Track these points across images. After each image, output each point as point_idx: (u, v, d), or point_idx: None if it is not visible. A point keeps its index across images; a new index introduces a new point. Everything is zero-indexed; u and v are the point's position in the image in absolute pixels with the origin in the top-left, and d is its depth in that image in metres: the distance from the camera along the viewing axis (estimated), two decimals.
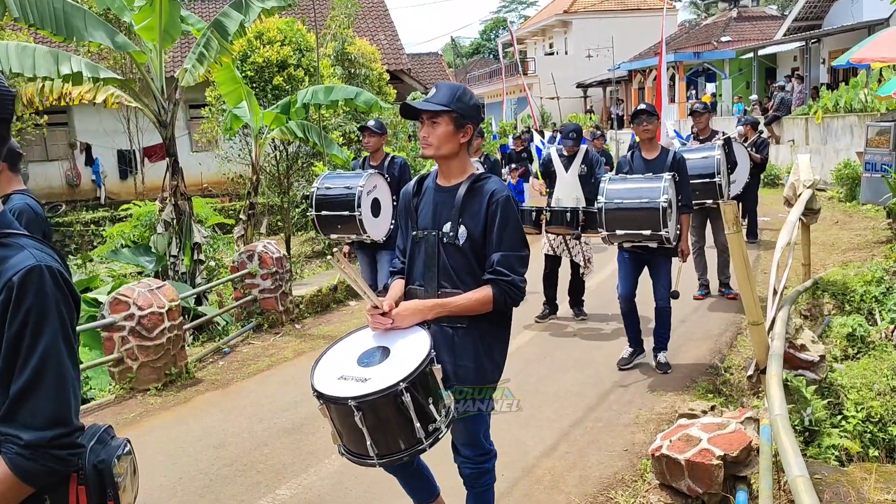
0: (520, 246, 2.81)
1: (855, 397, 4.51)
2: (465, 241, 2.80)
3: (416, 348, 2.62)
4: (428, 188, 2.98)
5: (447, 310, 2.77)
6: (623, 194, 5.46)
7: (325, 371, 2.65)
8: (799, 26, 24.39)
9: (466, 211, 2.81)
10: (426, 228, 2.89)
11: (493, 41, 62.66)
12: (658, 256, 5.60)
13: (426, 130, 2.79)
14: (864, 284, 6.40)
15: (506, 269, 2.74)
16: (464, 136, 2.82)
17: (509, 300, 2.78)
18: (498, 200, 2.77)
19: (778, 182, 17.03)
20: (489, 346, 2.89)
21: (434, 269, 2.85)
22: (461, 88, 2.83)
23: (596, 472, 4.19)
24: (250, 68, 12.97)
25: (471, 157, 8.42)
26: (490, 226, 2.78)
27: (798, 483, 2.30)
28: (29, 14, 6.78)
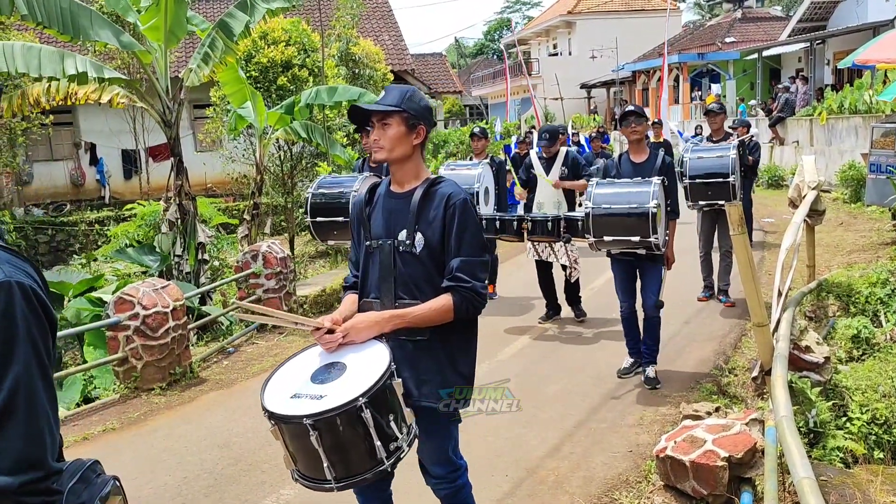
0: (480, 251, 2.68)
1: (860, 399, 4.49)
2: (422, 249, 2.67)
3: (375, 362, 2.47)
4: (380, 196, 2.84)
5: (405, 321, 2.61)
6: (611, 199, 5.28)
7: (277, 390, 2.48)
8: (804, 27, 24.34)
9: (423, 217, 2.68)
10: (380, 238, 2.74)
11: (496, 42, 62.66)
12: (647, 262, 5.47)
13: (377, 133, 2.68)
14: (869, 286, 6.38)
15: (466, 275, 2.61)
16: (416, 137, 2.70)
17: (471, 308, 2.65)
18: (455, 204, 2.65)
19: (782, 183, 17.01)
20: (453, 358, 2.76)
21: (390, 280, 2.71)
22: (411, 90, 2.74)
23: (600, 472, 4.18)
24: (255, 68, 12.98)
25: (475, 159, 8.19)
26: (448, 231, 2.64)
27: (804, 485, 2.30)
28: (36, 12, 6.80)
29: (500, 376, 5.85)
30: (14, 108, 8.23)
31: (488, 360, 6.24)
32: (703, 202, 7.31)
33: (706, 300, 7.88)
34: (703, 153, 7.43)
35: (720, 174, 7.09)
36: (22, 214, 19.16)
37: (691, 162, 7.29)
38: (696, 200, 7.31)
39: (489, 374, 5.95)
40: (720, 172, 7.09)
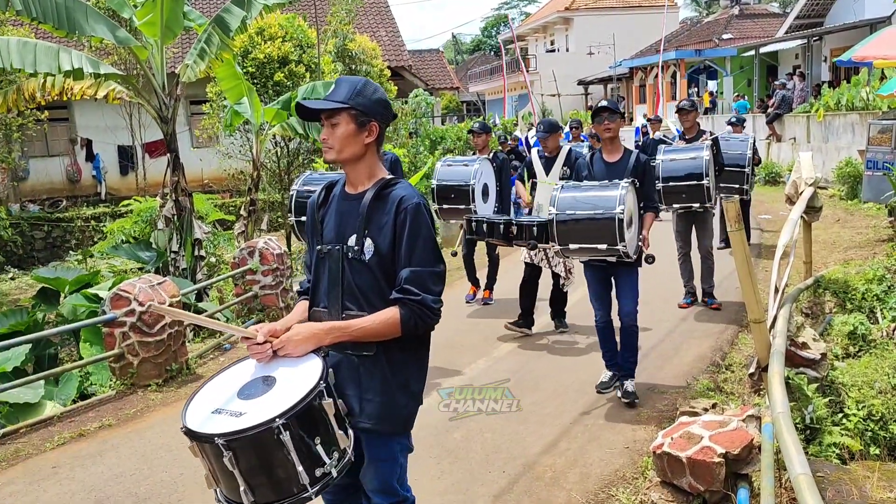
0: (433, 261, 2.47)
1: (856, 395, 4.51)
2: (371, 257, 2.47)
3: (305, 378, 2.28)
4: (335, 197, 2.64)
5: (347, 334, 2.42)
6: (576, 204, 4.92)
7: (202, 403, 2.31)
8: (801, 24, 24.35)
9: (373, 222, 2.48)
10: (330, 242, 2.56)
11: (494, 38, 62.60)
12: (621, 269, 5.11)
13: (325, 132, 2.49)
14: (866, 283, 6.39)
15: (416, 287, 2.41)
16: (368, 135, 2.50)
17: (420, 323, 2.43)
18: (407, 209, 2.44)
19: (779, 180, 17.03)
20: (401, 376, 2.54)
21: (338, 289, 2.51)
22: (361, 82, 2.52)
23: (597, 469, 4.19)
24: (251, 64, 12.95)
25: (479, 155, 7.94)
26: (399, 238, 2.44)
27: (801, 481, 2.30)
28: (32, 8, 6.78)
29: (497, 373, 5.86)
30: (9, 103, 8.20)
31: (485, 358, 6.24)
32: (677, 205, 7.00)
33: (687, 307, 7.47)
34: (675, 154, 7.06)
35: (694, 176, 6.77)
36: (18, 210, 19.11)
37: (664, 164, 6.93)
38: (670, 204, 6.95)
39: (486, 371, 5.95)
40: (694, 174, 6.76)
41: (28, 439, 5.16)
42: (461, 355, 6.34)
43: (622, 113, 5.14)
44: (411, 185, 2.56)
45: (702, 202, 6.82)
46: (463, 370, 5.97)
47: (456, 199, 6.96)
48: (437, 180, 7.11)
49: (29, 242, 18.43)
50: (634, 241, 4.95)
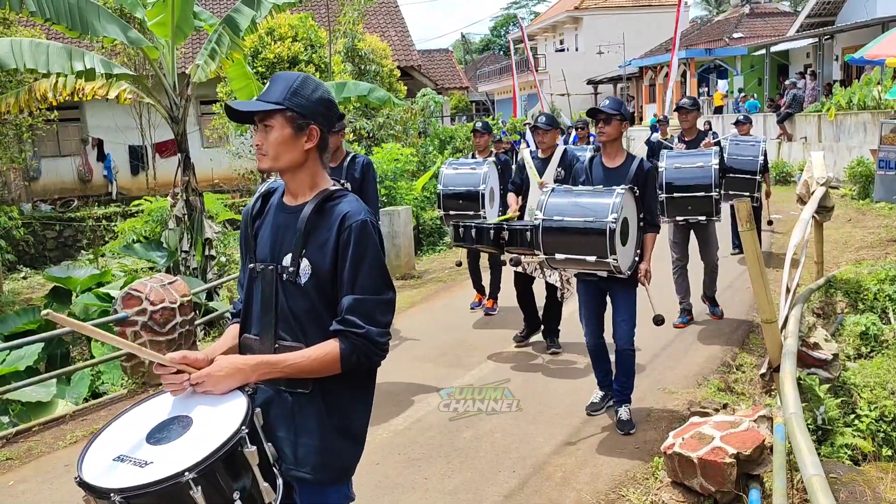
0: (381, 287, 2.16)
1: (868, 396, 4.48)
2: (308, 280, 2.15)
3: (224, 421, 1.95)
4: (271, 208, 2.32)
5: (278, 370, 2.09)
6: (566, 210, 4.48)
7: (105, 448, 1.96)
8: (812, 22, 24.22)
9: (312, 240, 2.17)
10: (264, 261, 2.24)
11: (503, 38, 62.56)
12: (617, 285, 4.63)
13: (259, 137, 2.19)
14: (878, 283, 6.36)
15: (360, 317, 2.10)
16: (308, 140, 2.18)
17: (363, 360, 2.12)
18: (351, 226, 2.13)
19: (790, 179, 16.95)
20: (342, 417, 2.21)
21: (271, 315, 2.20)
22: (299, 79, 2.20)
23: (607, 469, 4.18)
24: (261, 64, 13.00)
25: (478, 156, 7.62)
26: (341, 260, 2.13)
27: (814, 482, 2.29)
28: (45, 8, 6.83)
29: (506, 373, 5.86)
30: (21, 103, 8.25)
31: (494, 358, 6.24)
32: (680, 217, 6.49)
33: (683, 326, 6.73)
34: (680, 161, 6.44)
35: (701, 187, 6.21)
36: (30, 210, 19.23)
37: (667, 172, 6.35)
38: (673, 216, 6.46)
39: (495, 371, 5.95)
40: (701, 185, 6.21)
41: (40, 438, 5.19)
42: (468, 355, 6.34)
43: (623, 114, 4.57)
44: (358, 200, 2.25)
45: (709, 215, 6.33)
46: (471, 370, 5.97)
47: (464, 205, 6.73)
48: (444, 186, 6.84)
49: (41, 242, 18.55)
50: (630, 255, 4.50)
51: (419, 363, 6.25)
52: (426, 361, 6.28)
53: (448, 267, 10.02)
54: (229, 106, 2.20)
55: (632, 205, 4.49)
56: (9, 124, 12.88)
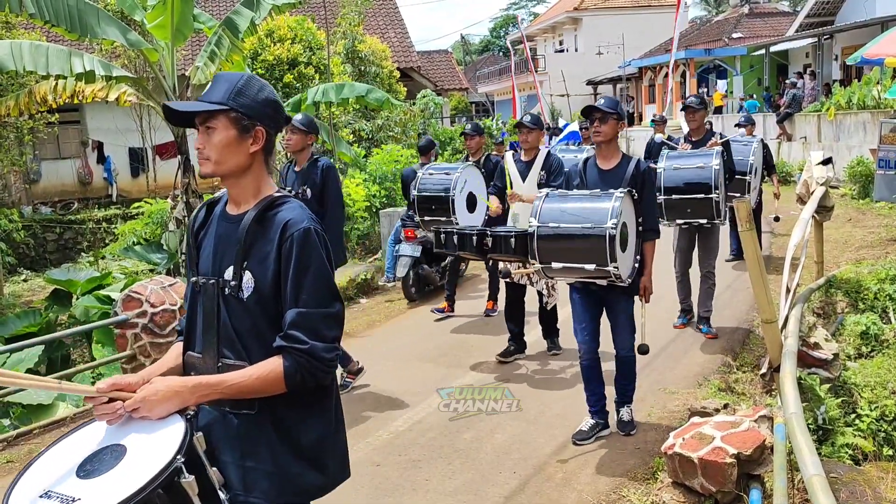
0: (327, 299, 2.02)
1: (869, 396, 4.48)
2: (251, 294, 2.02)
3: (160, 450, 1.82)
4: (214, 218, 2.19)
5: (218, 391, 1.96)
6: (561, 216, 4.27)
7: (33, 482, 1.81)
8: (811, 22, 24.24)
9: (253, 251, 2.04)
10: (206, 275, 2.11)
11: (502, 38, 62.57)
12: (615, 294, 4.43)
13: (200, 139, 2.06)
14: (878, 282, 6.36)
15: (304, 332, 1.97)
16: (254, 142, 2.07)
17: (308, 377, 1.98)
18: (293, 235, 2.00)
19: (790, 179, 16.95)
20: (293, 438, 2.06)
21: (213, 332, 2.07)
22: (243, 78, 2.09)
23: (608, 469, 4.18)
24: (261, 66, 13.02)
25: (471, 159, 7.21)
26: (283, 272, 2.00)
27: (814, 482, 2.29)
28: (44, 11, 6.84)
29: (507, 374, 5.86)
30: (22, 106, 8.26)
31: (495, 359, 6.22)
32: (681, 220, 6.28)
33: (683, 327, 6.66)
34: (680, 161, 6.23)
35: (701, 188, 5.96)
36: (30, 212, 19.24)
37: (666, 173, 6.12)
38: (672, 219, 6.24)
39: (495, 372, 5.95)
40: (701, 186, 5.96)
41: (41, 440, 5.19)
42: (469, 356, 6.34)
43: (619, 113, 4.37)
44: (302, 207, 2.10)
45: (709, 218, 6.07)
46: (471, 371, 5.97)
47: (437, 210, 6.56)
48: (417, 190, 6.69)
49: (41, 244, 18.54)
50: (630, 262, 4.30)
51: (420, 363, 6.25)
52: (427, 362, 6.28)
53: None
54: (167, 106, 2.07)
55: (630, 209, 4.29)
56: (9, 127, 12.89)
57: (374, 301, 8.71)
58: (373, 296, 8.95)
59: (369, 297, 8.92)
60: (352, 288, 8.88)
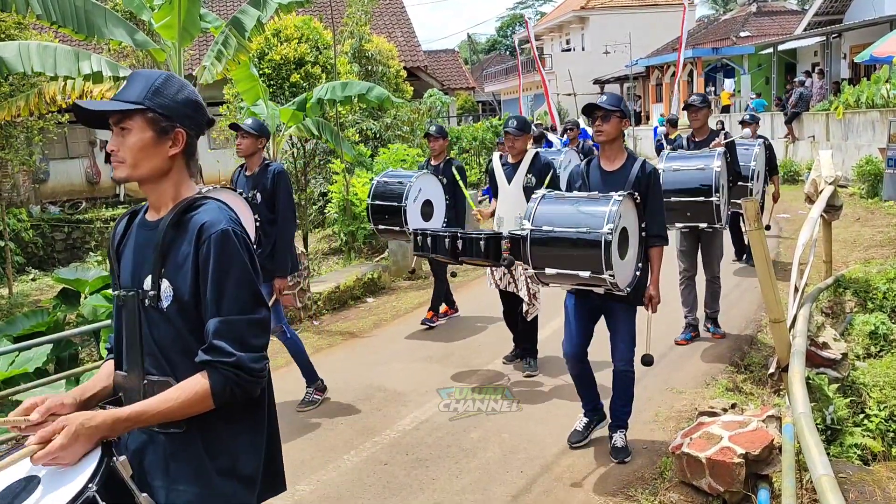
0: (251, 305, 1.89)
1: (877, 396, 4.46)
2: (170, 304, 1.89)
3: (72, 480, 1.70)
4: (135, 226, 2.06)
5: (142, 422, 1.82)
6: (557, 219, 4.04)
7: None
8: (819, 21, 24.14)
9: (171, 257, 1.91)
10: (127, 286, 1.98)
11: (509, 38, 62.55)
12: (616, 303, 4.20)
13: (114, 141, 1.92)
14: (887, 282, 6.33)
15: (229, 343, 1.84)
16: (173, 145, 1.94)
17: (238, 391, 1.85)
18: (210, 238, 1.87)
19: (798, 179, 16.89)
20: (224, 456, 1.94)
21: (137, 348, 1.94)
22: (161, 77, 1.96)
23: (615, 469, 4.17)
24: (268, 66, 13.03)
25: (433, 161, 7.08)
26: (202, 279, 1.87)
27: (823, 482, 2.28)
28: (51, 12, 6.86)
29: (513, 375, 5.85)
30: (31, 106, 8.30)
31: (502, 359, 6.22)
32: (680, 224, 6.05)
33: (685, 343, 6.30)
34: (680, 163, 6.00)
35: (701, 191, 5.77)
36: (38, 212, 19.33)
37: (665, 175, 5.84)
38: (672, 222, 5.96)
39: (502, 372, 5.95)
40: (701, 188, 5.77)
41: None
42: (476, 356, 6.34)
43: (623, 111, 4.15)
44: (221, 208, 1.96)
45: (710, 222, 5.86)
46: (478, 371, 5.96)
47: (390, 219, 6.49)
48: (370, 199, 6.64)
49: (49, 244, 18.62)
50: (630, 270, 4.07)
51: (426, 364, 6.25)
52: (433, 362, 6.29)
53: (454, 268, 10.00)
54: (77, 105, 1.91)
55: (632, 213, 4.06)
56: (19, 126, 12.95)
57: (381, 300, 8.71)
58: (379, 295, 8.95)
59: (376, 296, 8.93)
60: (358, 287, 8.89)
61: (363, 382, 5.85)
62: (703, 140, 6.35)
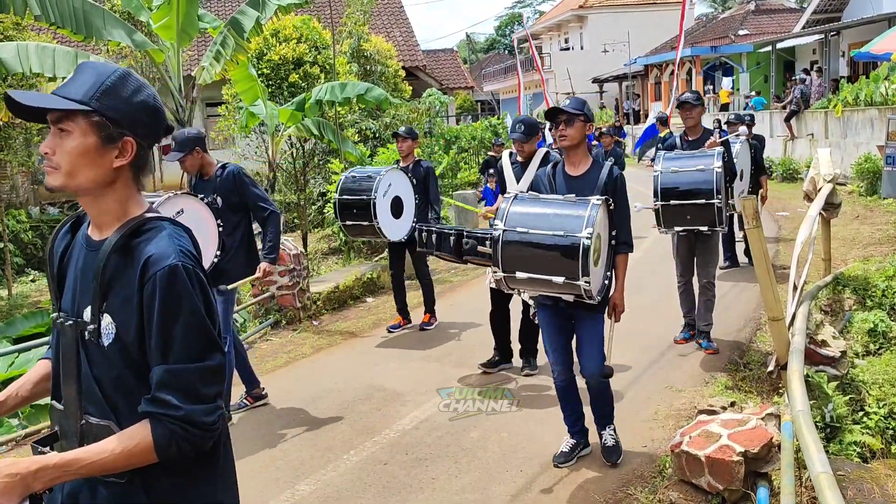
0: (202, 351, 1.66)
1: (877, 393, 4.47)
2: (112, 343, 1.66)
3: None
4: (79, 241, 1.80)
5: (72, 473, 1.59)
6: (531, 221, 3.83)
7: None
8: (818, 19, 24.15)
9: (114, 289, 1.66)
10: (66, 312, 1.75)
11: (508, 37, 62.56)
12: (583, 311, 4.01)
13: (50, 142, 1.66)
14: (886, 279, 6.33)
15: (176, 395, 1.61)
16: (120, 155, 1.68)
17: (185, 446, 1.63)
18: (155, 276, 1.62)
19: (797, 176, 16.90)
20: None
21: (74, 382, 1.72)
22: (116, 74, 1.69)
23: (615, 467, 4.17)
24: (266, 66, 13.03)
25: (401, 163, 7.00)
26: (147, 321, 1.63)
27: (821, 479, 2.28)
28: (49, 13, 6.87)
29: (513, 374, 5.85)
30: None
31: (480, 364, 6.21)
32: (679, 228, 5.84)
33: (684, 342, 6.23)
34: (678, 164, 5.77)
35: (702, 193, 5.55)
36: (38, 213, 19.31)
37: (663, 176, 5.70)
38: (671, 226, 5.81)
39: (501, 372, 5.94)
40: (702, 191, 5.55)
41: None
42: (474, 356, 6.34)
43: (587, 114, 4.04)
44: (171, 235, 1.71)
45: (711, 225, 5.64)
46: (477, 371, 5.95)
47: (358, 214, 6.44)
48: (338, 194, 6.59)
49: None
50: (600, 277, 3.91)
51: (425, 363, 6.26)
52: (432, 361, 6.29)
53: (453, 268, 10.02)
54: (9, 96, 1.63)
55: (605, 219, 3.91)
56: (17, 128, 12.95)
57: (380, 300, 8.72)
58: (379, 295, 8.95)
59: (375, 296, 8.93)
60: (358, 287, 8.89)
61: (363, 382, 5.85)
62: (697, 139, 6.12)
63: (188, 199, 4.84)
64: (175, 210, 4.72)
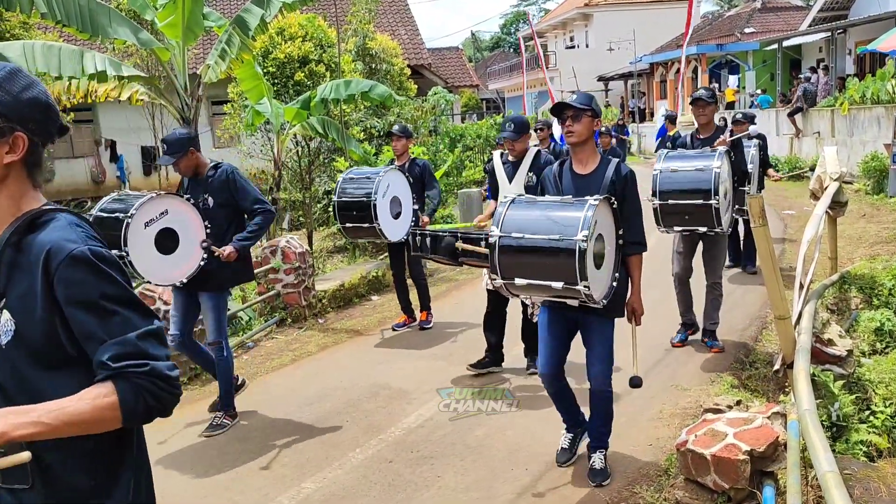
0: (138, 320, 1.62)
1: (883, 392, 4.45)
2: (10, 341, 1.60)
3: None
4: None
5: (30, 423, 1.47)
6: (527, 225, 3.71)
7: None
8: (824, 16, 24.04)
9: (12, 284, 1.62)
10: None
11: (513, 35, 62.50)
12: (591, 316, 3.90)
13: None
14: (893, 278, 6.31)
15: (135, 354, 1.57)
16: (10, 151, 1.64)
17: (153, 403, 1.58)
18: (59, 268, 1.57)
19: (803, 175, 16.84)
20: None
21: None
22: (5, 70, 1.67)
23: (620, 466, 4.17)
24: (272, 64, 13.05)
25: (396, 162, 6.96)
26: (68, 315, 1.58)
27: (828, 478, 2.28)
28: (55, 11, 6.88)
29: (517, 373, 5.85)
30: None
31: (506, 357, 6.22)
32: (679, 228, 5.76)
33: (681, 346, 6.13)
34: (677, 163, 5.68)
35: (700, 193, 5.45)
36: None
37: (662, 175, 5.62)
38: (669, 226, 5.73)
39: (505, 370, 5.94)
40: (700, 191, 5.44)
41: None
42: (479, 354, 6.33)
43: (595, 109, 3.89)
44: (72, 224, 1.67)
45: (709, 226, 5.53)
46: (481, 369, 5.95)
47: (358, 217, 6.43)
48: (337, 196, 6.56)
49: None
50: (606, 280, 3.78)
51: (430, 362, 6.26)
52: (437, 360, 6.29)
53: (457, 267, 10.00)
54: None
55: (609, 219, 3.78)
56: None
57: (385, 298, 8.72)
58: (384, 293, 8.96)
59: (380, 294, 8.94)
60: (363, 285, 8.89)
61: (368, 380, 5.86)
62: (709, 137, 6.07)
63: (173, 200, 4.76)
64: (159, 211, 4.64)
